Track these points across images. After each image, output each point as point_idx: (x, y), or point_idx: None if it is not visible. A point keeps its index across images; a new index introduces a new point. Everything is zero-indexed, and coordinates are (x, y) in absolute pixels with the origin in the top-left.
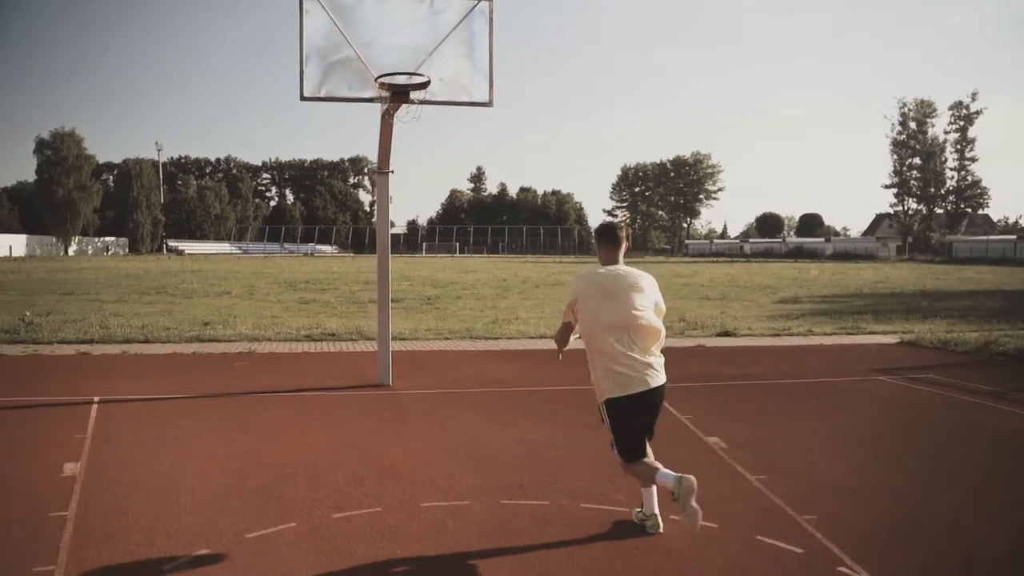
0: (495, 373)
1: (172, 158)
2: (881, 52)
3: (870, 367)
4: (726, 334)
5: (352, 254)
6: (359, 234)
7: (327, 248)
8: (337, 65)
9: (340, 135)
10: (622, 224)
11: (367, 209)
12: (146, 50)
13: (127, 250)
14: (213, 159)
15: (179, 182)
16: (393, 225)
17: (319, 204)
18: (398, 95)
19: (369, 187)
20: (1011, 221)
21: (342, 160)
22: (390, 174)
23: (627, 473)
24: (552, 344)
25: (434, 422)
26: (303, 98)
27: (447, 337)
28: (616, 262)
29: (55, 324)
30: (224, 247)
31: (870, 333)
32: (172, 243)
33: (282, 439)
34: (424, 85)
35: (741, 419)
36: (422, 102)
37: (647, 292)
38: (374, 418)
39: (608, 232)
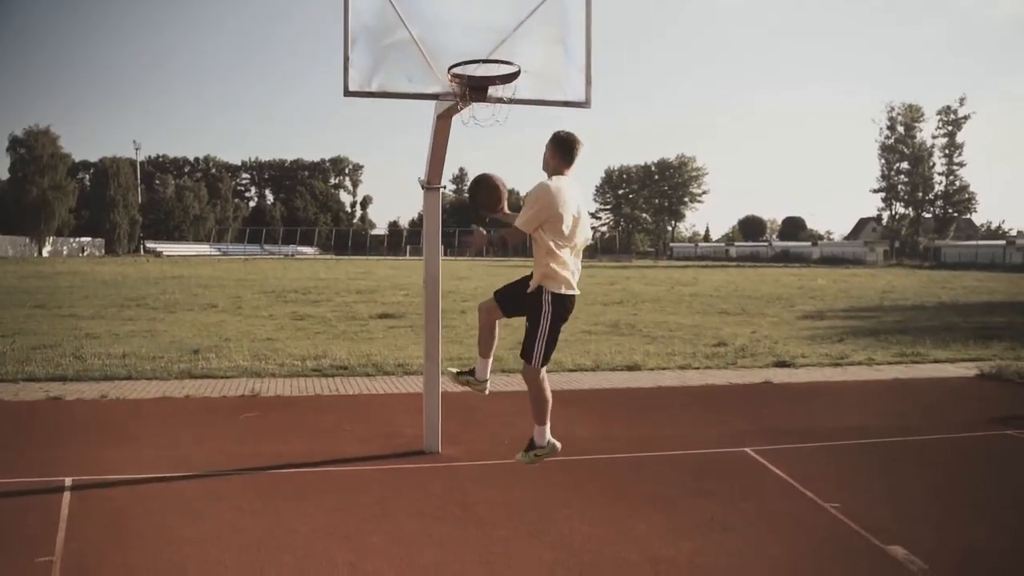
0: (560, 427)
1: (150, 157)
2: (864, 55)
3: (980, 414)
4: (783, 364)
5: (334, 256)
6: (341, 236)
7: (308, 250)
8: (392, 50)
9: (321, 135)
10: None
11: (348, 210)
12: (123, 45)
13: (103, 251)
14: (192, 158)
15: (157, 182)
16: (373, 226)
17: (300, 205)
18: (475, 91)
19: (350, 187)
20: (994, 226)
21: (323, 160)
22: (441, 190)
23: (530, 384)
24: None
25: (520, 524)
26: (348, 93)
27: None
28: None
29: (21, 352)
30: (203, 248)
31: (935, 362)
32: (150, 244)
33: (327, 564)
34: (512, 77)
35: (908, 507)
36: (508, 100)
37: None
38: (440, 517)
39: (571, 148)
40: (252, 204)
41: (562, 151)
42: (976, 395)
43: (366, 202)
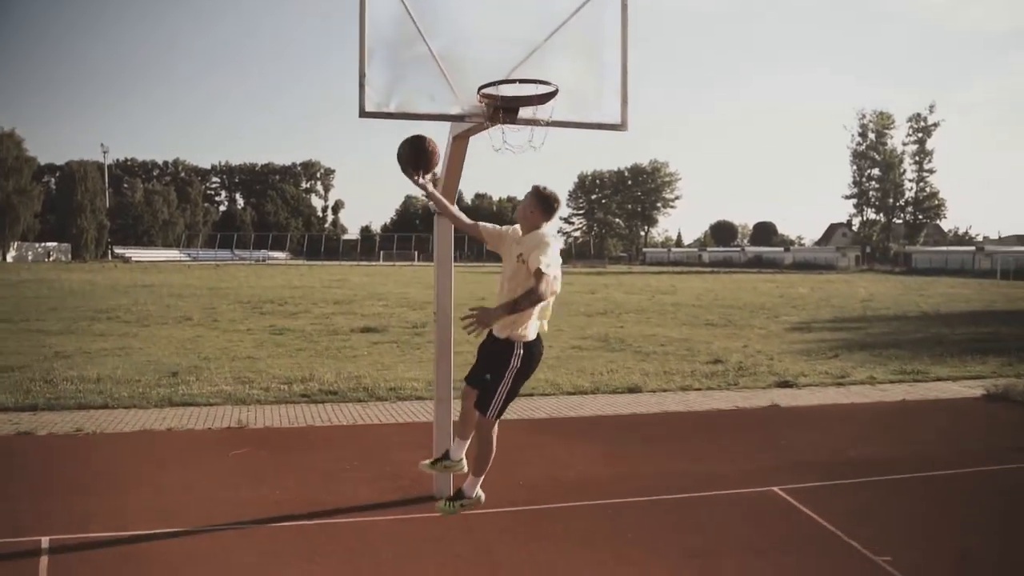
0: (576, 464)
1: (118, 160)
2: (832, 61)
3: (1003, 442)
4: (785, 384)
5: (306, 262)
6: (313, 241)
7: (279, 255)
8: (412, 66)
9: (293, 138)
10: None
11: (320, 215)
12: (91, 47)
13: (70, 256)
14: (161, 162)
15: (125, 185)
16: (345, 231)
17: (271, 209)
18: (508, 112)
19: (322, 192)
20: (961, 232)
21: (294, 164)
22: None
23: (481, 435)
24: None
25: None
26: (363, 113)
27: None
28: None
29: None
30: (173, 254)
31: (937, 380)
32: (118, 250)
33: None
34: (549, 97)
35: (961, 558)
36: (543, 123)
37: None
38: None
39: (553, 207)
40: (222, 208)
41: (544, 208)
42: (990, 419)
43: (338, 207)
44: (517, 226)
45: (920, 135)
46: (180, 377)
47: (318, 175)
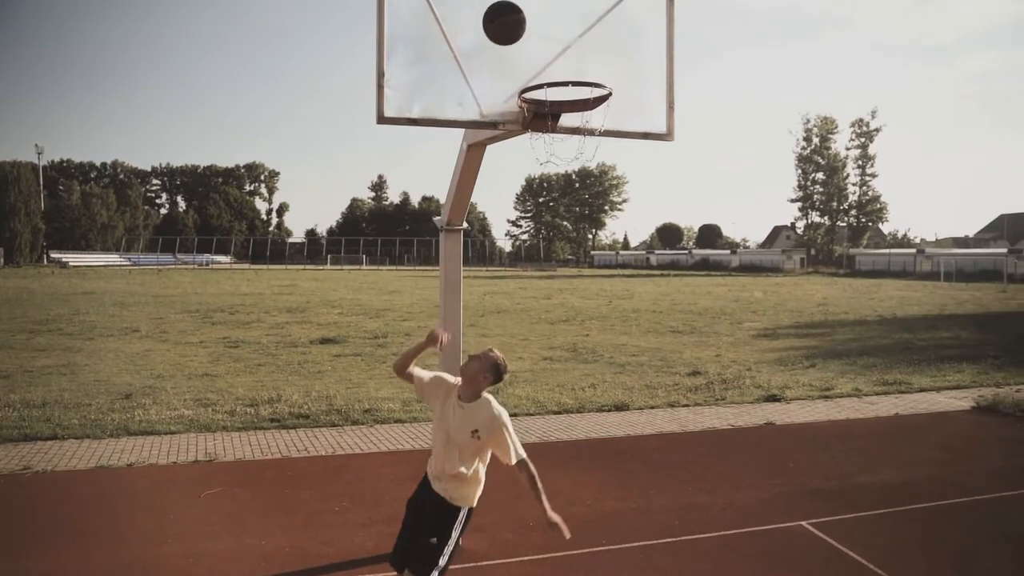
0: (587, 499)
1: (53, 161)
2: (775, 66)
3: (1013, 460)
4: (773, 398)
5: (251, 266)
6: (258, 244)
7: (223, 259)
8: (440, 65)
9: (236, 140)
10: None
11: (264, 218)
12: (24, 44)
13: (2, 262)
14: (99, 163)
15: (61, 188)
16: (290, 234)
17: (213, 212)
18: (544, 118)
19: (266, 194)
20: (900, 234)
21: (238, 167)
22: (462, 231)
23: None
24: None
25: None
26: (383, 119)
27: None
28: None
29: None
30: (112, 258)
31: (921, 391)
32: (54, 254)
33: None
34: (600, 101)
35: None
36: (589, 132)
37: None
38: None
39: (502, 377)
40: (163, 211)
41: (495, 378)
42: (988, 435)
43: (283, 210)
44: (447, 377)
45: (863, 140)
46: (134, 400)
47: (262, 177)
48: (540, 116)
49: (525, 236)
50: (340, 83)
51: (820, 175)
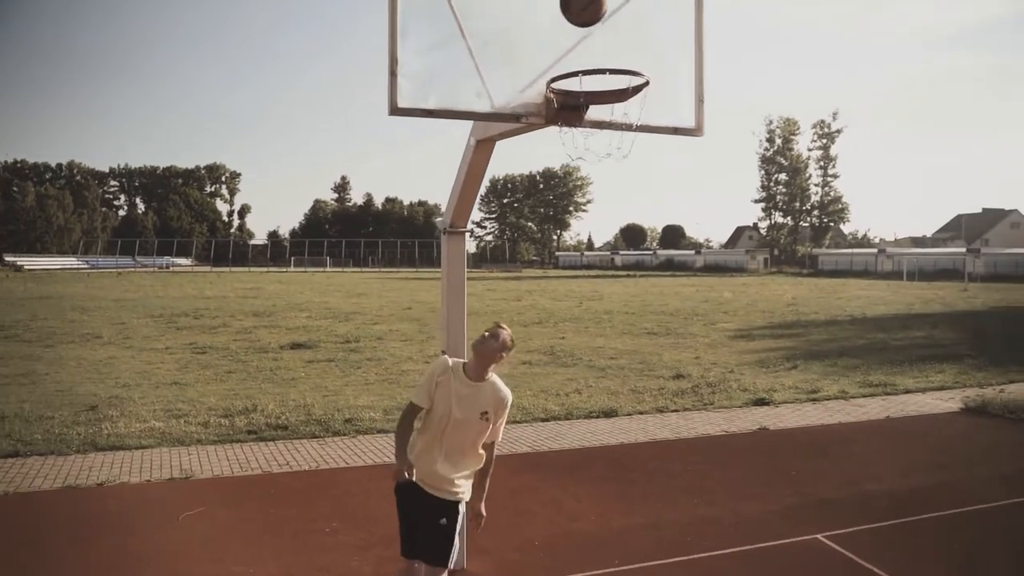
0: (591, 515)
1: (6, 163)
2: (741, 65)
3: (1012, 465)
4: (762, 402)
5: (213, 268)
6: (220, 247)
7: (184, 261)
8: (456, 54)
9: (196, 140)
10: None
11: (225, 219)
12: None
13: None
14: (54, 164)
15: (15, 189)
16: (252, 236)
17: (173, 214)
18: (572, 110)
19: (227, 196)
20: (860, 234)
21: (198, 168)
22: (467, 234)
23: None
24: None
25: None
26: (395, 110)
27: None
28: None
29: None
30: (70, 261)
31: (907, 392)
32: (9, 257)
33: None
34: (637, 90)
35: None
36: (617, 126)
37: None
38: None
39: None
40: (122, 213)
41: (506, 354)
42: (983, 437)
43: (244, 211)
44: (442, 366)
45: (824, 141)
46: (100, 411)
47: (223, 178)
48: (568, 108)
49: (490, 237)
50: (302, 84)
51: (783, 176)
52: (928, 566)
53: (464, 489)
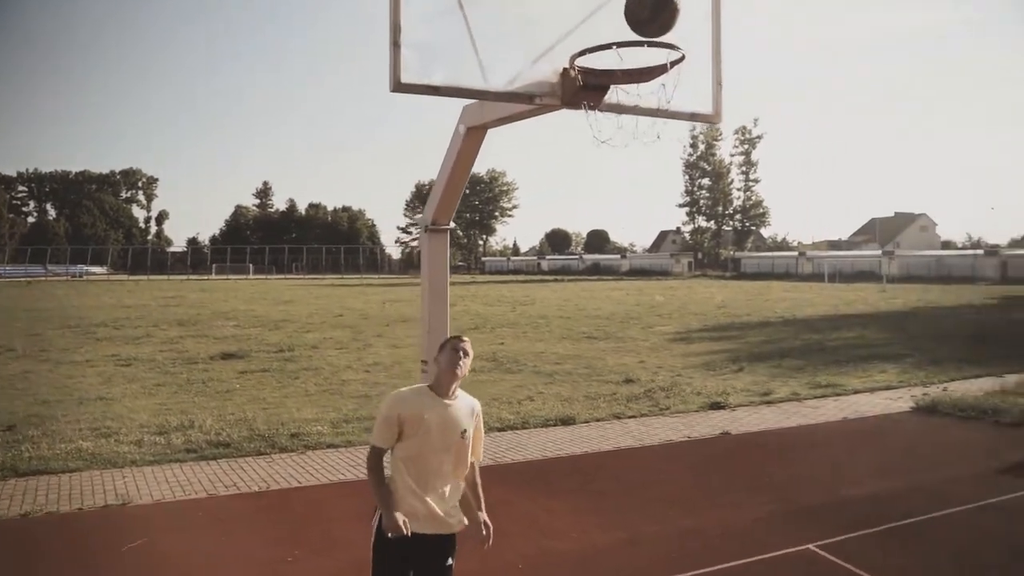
0: (570, 531)
1: None
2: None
3: (977, 465)
4: (717, 406)
5: (130, 276)
6: (137, 254)
7: (99, 269)
8: (462, 28)
9: (110, 144)
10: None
11: (142, 226)
12: None
13: None
14: None
15: None
16: (170, 243)
17: (87, 221)
18: (595, 90)
19: (144, 202)
20: (780, 238)
21: (113, 172)
22: (448, 231)
23: None
24: None
25: None
26: (398, 86)
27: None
28: None
29: None
30: None
31: (855, 392)
32: None
33: None
34: (671, 66)
35: None
36: (659, 112)
37: None
38: None
39: None
40: (31, 220)
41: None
42: (943, 437)
43: (162, 218)
44: (410, 393)
45: (746, 147)
46: (19, 432)
47: (139, 184)
48: (590, 87)
49: (415, 243)
50: (221, 86)
51: (706, 181)
52: (923, 572)
53: (458, 516)
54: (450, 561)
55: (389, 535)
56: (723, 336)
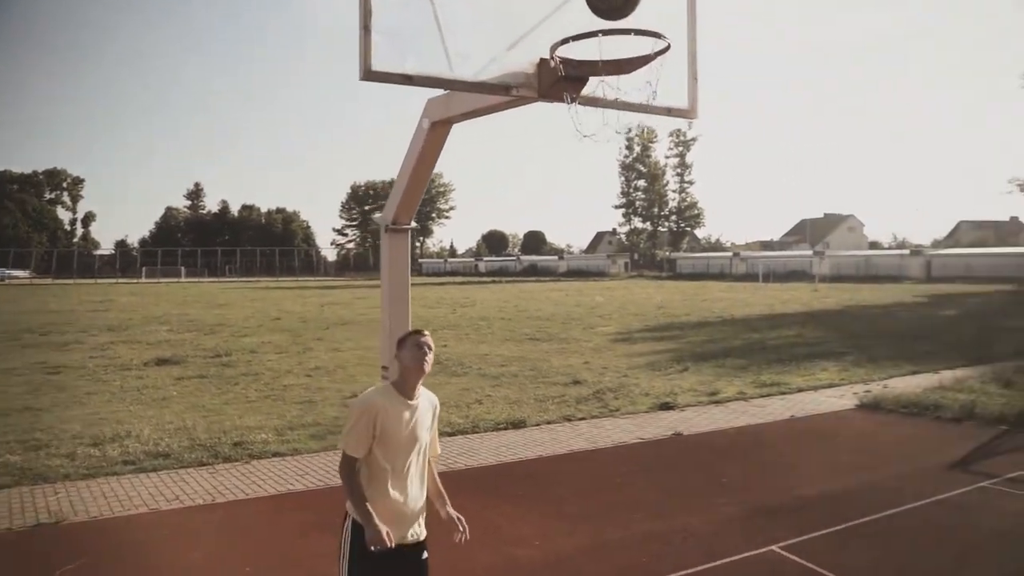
0: (533, 538)
1: None
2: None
3: (925, 461)
4: (666, 406)
5: (56, 280)
6: (63, 257)
7: (21, 273)
8: (432, 17)
9: (33, 144)
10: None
11: (67, 228)
12: None
13: None
14: None
15: None
16: (98, 246)
17: (8, 223)
18: (575, 82)
19: (69, 203)
20: (714, 239)
21: (36, 173)
22: (409, 231)
23: None
24: None
25: None
26: (368, 75)
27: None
28: None
29: None
30: None
31: (799, 391)
32: None
33: None
34: (656, 56)
35: None
36: (643, 107)
37: None
38: None
39: None
40: None
41: None
42: (889, 433)
43: (88, 219)
44: (377, 394)
45: (680, 149)
46: None
47: (64, 185)
48: (570, 79)
49: (351, 245)
50: (149, 81)
51: (642, 182)
52: (887, 570)
53: (423, 516)
54: (425, 555)
55: (372, 548)
56: (664, 336)
